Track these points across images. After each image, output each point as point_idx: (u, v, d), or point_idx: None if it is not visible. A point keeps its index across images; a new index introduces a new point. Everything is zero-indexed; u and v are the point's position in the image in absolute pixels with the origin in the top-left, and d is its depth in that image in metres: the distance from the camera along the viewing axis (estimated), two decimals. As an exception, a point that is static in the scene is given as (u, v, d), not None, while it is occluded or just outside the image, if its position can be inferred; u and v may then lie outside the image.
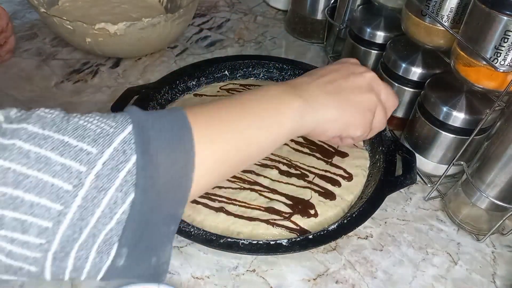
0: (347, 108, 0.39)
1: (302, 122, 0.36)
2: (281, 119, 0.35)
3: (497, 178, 0.49)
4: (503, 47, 0.44)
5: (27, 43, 0.81)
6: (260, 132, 0.34)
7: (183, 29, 0.80)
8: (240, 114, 0.33)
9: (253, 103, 0.35)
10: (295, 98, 0.36)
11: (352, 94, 0.40)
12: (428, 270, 0.52)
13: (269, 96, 0.35)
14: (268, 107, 0.35)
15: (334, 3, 0.80)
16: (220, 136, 0.31)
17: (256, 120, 0.34)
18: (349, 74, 0.41)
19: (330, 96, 0.38)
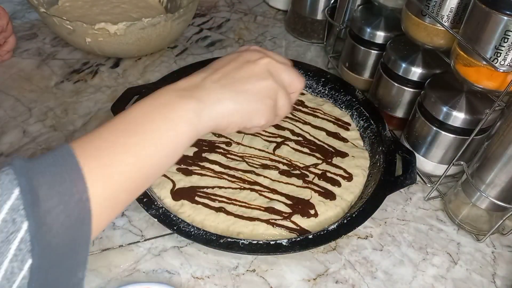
0: (244, 99, 0.38)
1: (200, 124, 0.35)
2: (176, 128, 0.33)
3: (497, 178, 0.49)
4: (503, 47, 0.44)
5: (27, 43, 0.81)
6: (156, 148, 0.32)
7: (183, 29, 0.80)
8: (129, 134, 0.31)
9: (142, 120, 0.33)
10: (187, 100, 0.34)
11: (248, 84, 0.38)
12: (428, 270, 0.52)
13: (158, 105, 0.34)
14: (159, 121, 0.33)
15: (334, 3, 0.80)
16: (114, 170, 0.30)
17: (148, 139, 0.32)
18: (244, 63, 0.39)
19: (225, 89, 0.37)
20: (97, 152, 0.29)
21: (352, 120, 0.67)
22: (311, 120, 0.66)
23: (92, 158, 0.29)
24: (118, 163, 0.30)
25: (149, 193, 0.51)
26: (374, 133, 0.62)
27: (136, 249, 0.51)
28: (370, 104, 0.66)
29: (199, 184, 0.56)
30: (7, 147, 0.62)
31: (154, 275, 0.49)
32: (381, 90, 0.66)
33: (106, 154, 0.30)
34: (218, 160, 0.59)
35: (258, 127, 0.41)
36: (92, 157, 0.29)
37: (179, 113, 0.34)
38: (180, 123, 0.34)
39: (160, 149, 0.33)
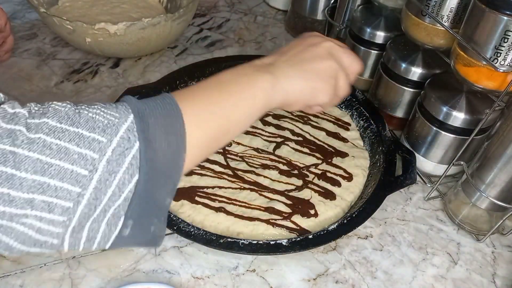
0: (311, 77, 0.42)
1: (273, 95, 0.40)
2: (255, 94, 0.39)
3: (497, 178, 0.49)
4: (503, 47, 0.44)
5: (27, 43, 0.81)
6: (238, 107, 0.38)
7: (183, 29, 0.80)
8: (219, 94, 0.37)
9: (230, 82, 0.39)
10: (264, 74, 0.39)
11: (313, 63, 0.43)
12: (428, 270, 0.52)
13: (242, 75, 0.39)
14: (242, 85, 0.39)
15: (334, 3, 0.80)
16: (206, 117, 0.35)
17: (233, 97, 0.38)
18: (308, 46, 0.44)
19: (294, 68, 0.42)
20: (194, 102, 0.35)
21: (352, 120, 0.67)
22: (311, 120, 0.66)
23: (190, 106, 0.34)
24: (209, 113, 0.36)
25: (149, 193, 0.51)
26: (374, 133, 0.62)
27: (136, 249, 0.51)
28: (370, 104, 0.66)
29: (199, 184, 0.56)
30: (7, 147, 0.62)
31: (154, 275, 0.49)
32: (381, 90, 0.66)
33: (202, 104, 0.36)
34: (218, 160, 0.59)
35: (320, 106, 0.46)
36: (190, 105, 0.34)
37: (258, 83, 0.39)
38: (258, 90, 0.39)
39: (241, 109, 0.38)
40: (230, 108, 0.37)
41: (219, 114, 0.37)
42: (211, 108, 0.36)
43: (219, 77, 0.39)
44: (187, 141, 0.33)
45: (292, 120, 0.65)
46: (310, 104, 0.44)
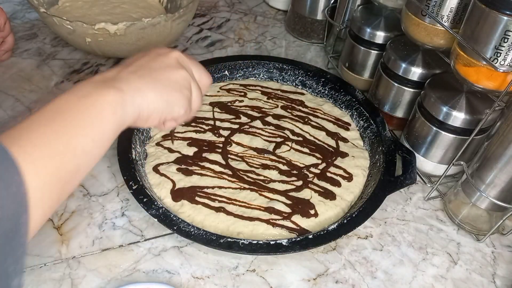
0: (163, 88, 0.39)
1: (124, 113, 0.35)
2: (101, 117, 0.34)
3: (497, 178, 0.49)
4: (503, 47, 0.44)
5: (27, 43, 0.81)
6: (84, 137, 0.32)
7: (183, 29, 0.80)
8: (58, 126, 0.31)
9: (68, 110, 0.33)
10: (108, 90, 0.35)
11: (164, 73, 0.39)
12: (428, 270, 0.52)
13: (82, 97, 0.34)
14: (84, 109, 0.33)
15: (334, 3, 0.80)
16: (46, 160, 0.29)
17: (76, 127, 0.32)
18: (156, 56, 0.41)
19: (143, 79, 0.38)
20: (29, 143, 0.29)
21: (352, 120, 0.67)
22: (311, 120, 0.66)
23: (24, 151, 0.28)
24: (50, 152, 0.30)
25: (149, 193, 0.51)
26: (374, 133, 0.62)
27: (136, 249, 0.51)
28: (370, 104, 0.66)
29: (199, 184, 0.56)
30: (7, 147, 0.62)
31: (154, 275, 0.49)
32: (381, 90, 0.66)
33: (38, 144, 0.29)
34: (218, 160, 0.59)
35: (175, 121, 0.42)
36: (24, 150, 0.28)
37: (102, 103, 0.34)
38: (104, 111, 0.34)
39: (88, 137, 0.33)
40: (76, 140, 0.31)
41: (63, 150, 0.30)
42: (51, 146, 0.30)
43: (54, 105, 0.33)
44: (29, 197, 0.27)
45: (292, 120, 0.65)
46: (167, 118, 0.40)
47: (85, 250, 0.51)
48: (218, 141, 0.61)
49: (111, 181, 0.58)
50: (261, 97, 0.69)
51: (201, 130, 0.63)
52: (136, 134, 0.59)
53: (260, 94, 0.70)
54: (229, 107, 0.67)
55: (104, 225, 0.53)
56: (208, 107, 0.67)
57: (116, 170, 0.56)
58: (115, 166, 0.57)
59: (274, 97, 0.70)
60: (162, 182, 0.55)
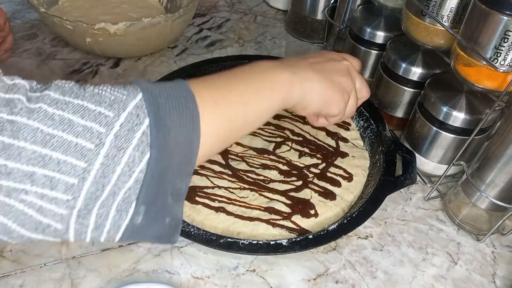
0: (329, 85, 0.43)
1: (291, 92, 0.40)
2: (273, 88, 0.39)
3: (497, 178, 0.49)
4: (503, 47, 0.44)
5: (27, 43, 0.81)
6: (256, 99, 0.37)
7: (183, 29, 0.80)
8: (238, 83, 0.37)
9: (249, 74, 0.39)
10: (285, 71, 0.40)
11: (333, 75, 0.44)
12: (428, 270, 0.52)
13: (263, 69, 0.40)
14: (262, 77, 0.39)
15: (334, 3, 0.80)
16: (221, 103, 0.34)
17: (252, 88, 0.37)
18: (330, 59, 0.46)
19: (315, 72, 0.42)
20: (210, 88, 0.35)
21: (352, 120, 0.67)
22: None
23: (205, 91, 0.33)
24: (225, 100, 0.35)
25: (149, 193, 0.51)
26: (374, 133, 0.62)
27: (136, 249, 0.51)
28: (370, 104, 0.66)
29: (199, 184, 0.56)
30: (7, 147, 0.62)
31: (154, 275, 0.49)
32: (381, 90, 0.66)
33: (218, 91, 0.35)
34: (218, 160, 0.59)
35: (327, 118, 0.48)
36: (205, 95, 0.33)
37: (278, 78, 0.39)
38: (277, 85, 0.39)
39: (259, 101, 0.38)
40: (248, 98, 0.37)
41: (236, 102, 0.36)
42: (227, 96, 0.35)
43: (238, 69, 0.39)
44: (201, 127, 0.32)
45: (292, 120, 0.65)
46: (322, 112, 0.45)
47: (85, 250, 0.51)
48: (218, 141, 0.61)
49: (111, 181, 0.58)
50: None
51: (201, 130, 0.63)
52: (136, 134, 0.58)
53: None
54: (229, 107, 0.67)
55: (104, 225, 0.53)
56: (208, 107, 0.67)
57: (116, 170, 0.56)
58: (115, 166, 0.57)
59: (274, 97, 0.69)
60: (162, 182, 0.55)
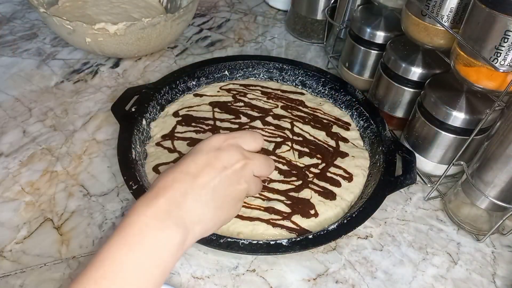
0: (222, 212, 0.39)
1: (183, 248, 0.36)
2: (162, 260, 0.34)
3: (497, 178, 0.49)
4: (503, 47, 0.44)
5: (27, 43, 0.81)
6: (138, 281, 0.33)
7: (183, 29, 0.80)
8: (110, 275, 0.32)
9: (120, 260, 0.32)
10: (169, 231, 0.34)
11: (226, 193, 0.39)
12: (428, 270, 0.52)
13: (137, 241, 0.33)
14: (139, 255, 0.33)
15: (334, 3, 0.80)
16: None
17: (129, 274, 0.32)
18: (223, 168, 0.39)
19: (206, 207, 0.38)
20: None
21: (352, 120, 0.67)
22: (311, 120, 0.66)
23: None
24: None
25: (149, 193, 0.51)
26: (374, 133, 0.62)
27: (136, 249, 0.51)
28: (370, 104, 0.66)
29: (199, 184, 0.55)
30: (7, 147, 0.62)
31: (154, 275, 0.49)
32: (381, 90, 0.66)
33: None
34: (218, 160, 0.59)
35: None
36: None
37: (166, 248, 0.34)
38: (165, 256, 0.34)
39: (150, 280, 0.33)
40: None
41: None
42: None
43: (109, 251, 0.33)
44: None
45: (292, 120, 0.65)
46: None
47: (85, 250, 0.51)
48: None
49: (111, 181, 0.58)
50: (261, 97, 0.69)
51: (201, 130, 0.63)
52: (136, 134, 0.59)
53: (260, 94, 0.70)
54: (229, 107, 0.67)
55: (104, 225, 0.53)
56: (208, 107, 0.67)
57: (116, 170, 0.56)
58: (115, 166, 0.57)
59: (274, 97, 0.70)
60: (162, 182, 0.55)
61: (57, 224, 0.53)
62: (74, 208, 0.55)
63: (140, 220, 0.34)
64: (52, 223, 0.53)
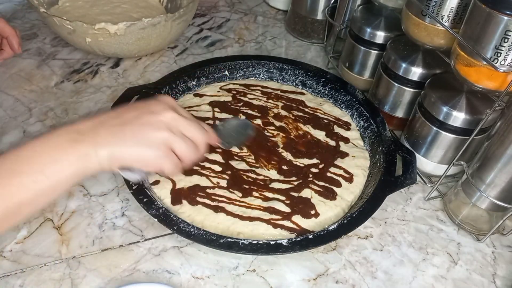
0: (133, 145, 0.41)
1: (85, 166, 0.39)
2: (61, 168, 0.38)
3: (497, 178, 0.49)
4: (503, 47, 0.44)
5: (27, 43, 0.81)
6: (39, 186, 0.37)
7: (183, 29, 0.80)
8: (14, 174, 0.36)
9: (31, 158, 0.37)
10: (75, 146, 0.39)
11: (143, 132, 0.42)
12: (428, 270, 0.52)
13: (49, 147, 0.38)
14: (47, 161, 0.38)
15: (334, 3, 0.80)
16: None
17: (32, 177, 0.37)
18: (146, 113, 0.43)
19: (115, 137, 0.41)
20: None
21: (352, 120, 0.67)
22: (312, 120, 0.66)
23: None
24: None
25: (149, 193, 0.51)
26: (374, 133, 0.62)
27: (136, 249, 0.51)
28: (370, 104, 0.66)
29: (199, 184, 0.55)
30: (7, 147, 0.62)
31: (154, 275, 0.49)
32: (381, 90, 0.66)
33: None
34: (218, 160, 0.59)
35: (163, 172, 0.44)
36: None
37: (65, 158, 0.38)
38: (63, 164, 0.38)
39: (43, 188, 0.37)
40: (29, 180, 0.37)
41: (15, 190, 0.36)
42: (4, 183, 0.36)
43: (17, 152, 0.38)
44: None
45: (292, 120, 0.65)
46: (147, 169, 0.44)
47: (85, 250, 0.51)
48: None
49: (111, 181, 0.58)
50: (261, 97, 0.69)
51: (201, 130, 0.63)
52: (136, 134, 0.58)
53: (260, 94, 0.70)
54: (229, 107, 0.67)
55: (104, 225, 0.53)
56: (208, 107, 0.67)
57: (116, 170, 0.56)
58: (115, 166, 0.57)
59: (274, 97, 0.70)
60: (162, 182, 0.55)
61: (57, 224, 0.53)
62: (74, 208, 0.55)
63: (53, 136, 0.39)
64: (52, 223, 0.53)
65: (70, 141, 0.39)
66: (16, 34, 0.68)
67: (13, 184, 0.36)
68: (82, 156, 0.39)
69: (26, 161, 0.37)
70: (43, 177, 0.37)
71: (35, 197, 0.38)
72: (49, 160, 0.38)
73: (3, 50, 0.69)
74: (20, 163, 0.37)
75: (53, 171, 0.38)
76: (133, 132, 0.42)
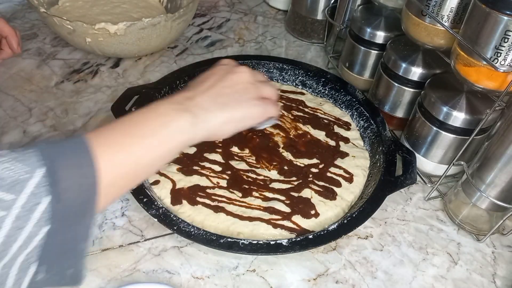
0: (234, 106, 0.43)
1: (193, 133, 0.40)
2: (172, 134, 0.39)
3: (497, 178, 0.49)
4: (503, 47, 0.44)
5: (27, 43, 0.81)
6: (154, 147, 0.38)
7: (183, 29, 0.80)
8: (133, 133, 0.37)
9: (144, 123, 0.39)
10: (182, 114, 0.40)
11: (234, 92, 0.44)
12: (428, 270, 0.52)
13: (157, 115, 0.39)
14: (158, 125, 0.39)
15: (334, 3, 0.80)
16: (118, 157, 0.35)
17: (148, 137, 0.38)
18: (225, 74, 0.45)
19: (214, 101, 0.42)
20: (108, 144, 0.35)
21: (352, 120, 0.67)
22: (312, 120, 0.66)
23: (104, 148, 0.34)
24: (123, 153, 0.36)
25: (149, 193, 0.51)
26: (374, 133, 0.62)
27: (136, 249, 0.51)
28: (370, 104, 0.66)
29: (199, 184, 0.55)
30: (7, 147, 0.62)
31: (154, 275, 0.49)
32: (381, 90, 0.66)
33: (114, 147, 0.35)
34: (218, 160, 0.59)
35: (255, 124, 0.46)
36: (104, 147, 0.34)
37: (176, 123, 0.39)
38: (175, 132, 0.39)
39: (159, 150, 0.38)
40: (145, 148, 0.37)
41: (134, 153, 0.37)
42: (125, 148, 0.36)
43: (135, 116, 0.39)
44: (99, 185, 0.33)
45: (292, 120, 0.65)
46: (242, 128, 0.45)
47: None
48: (218, 141, 0.61)
49: (111, 181, 0.58)
50: (261, 97, 0.69)
51: (201, 130, 0.63)
52: (136, 134, 0.58)
53: (260, 94, 0.70)
54: (229, 107, 0.67)
55: (104, 225, 0.53)
56: (208, 107, 0.67)
57: (116, 170, 0.56)
58: (115, 166, 0.57)
59: (274, 97, 0.70)
60: (162, 182, 0.55)
61: (57, 224, 0.53)
62: (74, 208, 0.55)
63: (158, 106, 0.40)
64: (52, 223, 0.53)
65: (176, 110, 0.40)
66: (15, 34, 0.68)
67: (135, 143, 0.37)
68: (189, 126, 0.40)
69: (140, 125, 0.38)
70: (157, 142, 0.38)
71: (152, 161, 0.39)
72: (161, 129, 0.39)
73: (3, 50, 0.69)
74: (134, 127, 0.38)
75: (168, 139, 0.39)
76: (228, 95, 0.43)
